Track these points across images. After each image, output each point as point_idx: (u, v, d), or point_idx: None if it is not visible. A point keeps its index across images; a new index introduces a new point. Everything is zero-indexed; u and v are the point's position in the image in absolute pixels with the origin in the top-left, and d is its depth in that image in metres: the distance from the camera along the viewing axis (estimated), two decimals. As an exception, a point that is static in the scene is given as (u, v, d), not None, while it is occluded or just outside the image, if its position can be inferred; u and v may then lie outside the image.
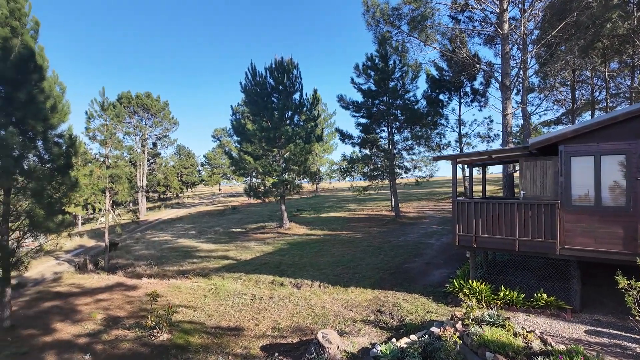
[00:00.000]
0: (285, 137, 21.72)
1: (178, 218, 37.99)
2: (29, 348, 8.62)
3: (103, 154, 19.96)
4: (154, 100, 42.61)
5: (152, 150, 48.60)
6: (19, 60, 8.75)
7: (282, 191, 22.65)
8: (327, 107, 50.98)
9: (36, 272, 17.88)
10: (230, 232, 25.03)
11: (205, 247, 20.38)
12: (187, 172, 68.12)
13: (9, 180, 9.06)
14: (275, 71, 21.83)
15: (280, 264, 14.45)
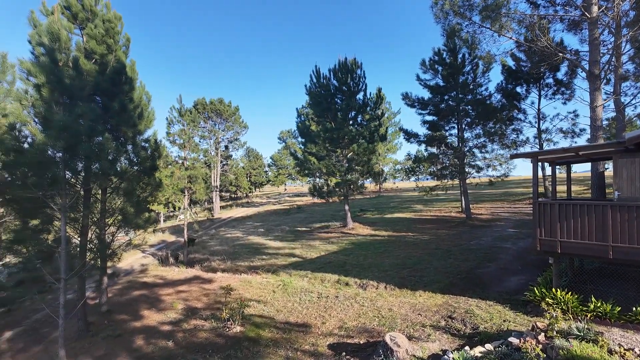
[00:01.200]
0: (348, 138, 21.72)
1: (248, 216, 39.91)
2: (122, 331, 9.63)
3: (182, 157, 21.65)
4: (225, 106, 45.27)
5: (225, 153, 51.70)
6: (113, 74, 9.84)
7: (346, 191, 22.68)
8: (391, 105, 50.03)
9: (126, 264, 19.95)
10: (295, 231, 25.66)
11: (273, 245, 21.13)
12: (256, 173, 71.31)
13: (105, 181, 10.21)
14: (339, 72, 21.92)
15: (344, 263, 14.47)
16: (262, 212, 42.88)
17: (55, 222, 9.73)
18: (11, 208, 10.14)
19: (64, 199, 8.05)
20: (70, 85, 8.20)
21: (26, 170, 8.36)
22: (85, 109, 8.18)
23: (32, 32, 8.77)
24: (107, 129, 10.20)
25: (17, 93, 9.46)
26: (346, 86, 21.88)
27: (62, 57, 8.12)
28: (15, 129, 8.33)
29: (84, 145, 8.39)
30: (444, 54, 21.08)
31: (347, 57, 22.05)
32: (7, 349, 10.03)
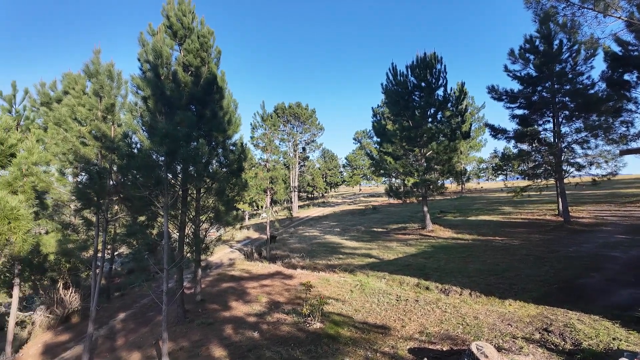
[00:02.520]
0: (427, 136, 20.90)
1: (324, 216, 40.67)
2: (213, 320, 10.46)
3: (264, 159, 22.86)
4: (303, 109, 46.76)
5: (302, 154, 53.42)
6: (206, 84, 10.75)
7: (424, 192, 21.85)
8: (474, 100, 46.98)
9: (216, 258, 21.66)
10: (371, 231, 25.46)
11: (349, 245, 21.23)
12: (331, 174, 72.41)
13: (200, 181, 11.20)
14: (417, 68, 21.21)
15: (424, 267, 13.96)
16: (338, 212, 43.35)
17: (159, 218, 10.94)
18: (124, 206, 11.66)
19: (166, 198, 9.00)
20: (170, 96, 9.15)
21: (135, 172, 9.53)
22: (183, 117, 9.05)
23: (140, 51, 10.00)
24: (201, 135, 11.17)
25: (129, 105, 10.86)
26: (425, 82, 21.09)
27: (164, 72, 9.11)
28: (128, 136, 9.55)
29: (182, 149, 9.28)
30: (536, 42, 19.20)
31: (425, 52, 21.24)
32: (121, 328, 11.54)
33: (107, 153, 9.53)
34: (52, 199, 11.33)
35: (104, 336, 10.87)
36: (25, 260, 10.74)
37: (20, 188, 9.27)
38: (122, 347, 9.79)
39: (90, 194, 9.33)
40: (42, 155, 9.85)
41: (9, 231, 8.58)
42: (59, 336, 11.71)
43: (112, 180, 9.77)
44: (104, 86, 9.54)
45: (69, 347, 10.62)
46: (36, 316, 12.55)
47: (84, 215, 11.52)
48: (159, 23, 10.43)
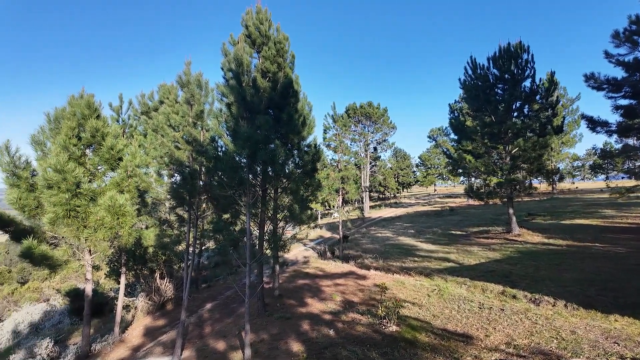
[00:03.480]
0: (512, 132, 19.34)
1: (396, 217, 39.82)
2: (291, 315, 10.85)
3: (336, 159, 23.12)
4: (374, 109, 46.31)
5: (373, 154, 52.93)
6: (282, 88, 11.20)
7: (509, 192, 20.23)
8: (566, 91, 42.33)
9: (291, 255, 22.43)
10: (449, 234, 24.30)
11: (425, 247, 20.50)
12: (403, 173, 70.59)
13: (278, 182, 11.72)
14: (500, 59, 19.74)
15: (510, 273, 12.95)
16: (411, 212, 42.13)
17: (241, 216, 11.66)
18: (211, 204, 12.65)
19: (248, 197, 9.56)
20: (250, 102, 9.70)
21: (221, 173, 10.28)
22: (262, 121, 9.54)
23: (223, 60, 10.77)
24: (278, 137, 11.68)
25: (214, 111, 11.77)
26: (509, 74, 19.55)
27: (245, 79, 9.69)
28: (215, 140, 10.36)
29: (261, 152, 9.78)
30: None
31: (510, 42, 19.68)
32: (208, 317, 12.51)
33: (197, 156, 10.41)
34: (151, 198, 12.72)
35: (194, 323, 11.89)
36: (130, 252, 12.20)
37: (126, 188, 10.56)
38: (209, 335, 10.62)
39: (183, 193, 10.28)
40: (143, 158, 11.11)
41: (117, 225, 9.82)
42: (156, 321, 13.09)
43: (201, 180, 10.65)
44: (194, 94, 10.45)
45: (164, 331, 11.82)
46: (138, 302, 14.19)
47: (177, 213, 12.75)
48: (238, 33, 11.16)
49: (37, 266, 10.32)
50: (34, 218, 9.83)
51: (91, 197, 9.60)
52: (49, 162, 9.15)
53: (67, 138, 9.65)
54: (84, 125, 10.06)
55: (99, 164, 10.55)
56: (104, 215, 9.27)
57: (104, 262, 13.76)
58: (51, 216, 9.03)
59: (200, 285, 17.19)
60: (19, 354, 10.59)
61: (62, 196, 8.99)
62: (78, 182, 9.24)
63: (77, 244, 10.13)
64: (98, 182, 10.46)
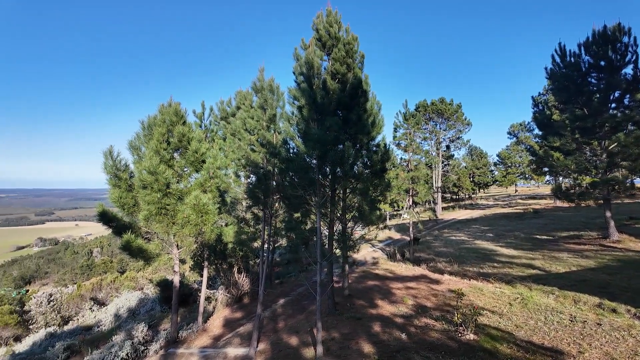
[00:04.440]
0: (609, 125, 17.14)
1: (472, 219, 37.59)
2: (361, 316, 10.83)
3: (406, 159, 22.54)
4: (447, 105, 44.25)
5: (446, 153, 50.58)
6: (351, 89, 11.24)
7: (606, 193, 17.96)
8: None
9: (360, 256, 22.37)
10: (533, 239, 22.29)
11: (505, 252, 19.07)
12: (479, 173, 66.37)
13: (346, 182, 11.79)
14: (594, 45, 17.62)
15: (607, 284, 11.51)
16: (489, 215, 39.48)
17: (312, 215, 11.95)
18: (283, 204, 13.16)
19: (318, 197, 9.77)
20: (321, 104, 9.88)
21: (292, 174, 10.64)
22: (332, 122, 9.69)
23: (295, 65, 11.13)
24: (346, 138, 11.74)
25: (286, 114, 12.21)
26: (605, 60, 17.36)
27: (315, 81, 9.91)
28: (287, 142, 10.75)
29: (330, 152, 9.93)
30: None
31: (606, 25, 17.47)
32: (281, 312, 13.01)
33: (270, 158, 10.90)
34: (230, 197, 13.62)
35: (268, 318, 12.46)
36: (211, 247, 13.17)
37: (209, 188, 11.44)
38: (282, 330, 11.05)
39: (258, 193, 10.83)
40: (223, 161, 11.95)
41: (201, 222, 10.67)
42: (234, 313, 13.96)
43: (274, 181, 11.12)
44: (267, 99, 10.96)
45: (242, 323, 12.55)
46: (218, 294, 15.26)
47: (253, 211, 13.48)
48: (309, 37, 11.45)
49: (134, 258, 11.64)
50: (132, 215, 11.11)
51: (179, 196, 10.57)
52: (144, 164, 10.27)
53: (158, 143, 10.73)
54: (172, 131, 11.11)
55: (185, 166, 11.56)
56: (189, 213, 10.14)
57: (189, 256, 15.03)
58: (145, 213, 10.13)
59: (274, 281, 17.93)
60: (120, 335, 12.02)
61: (155, 195, 10.03)
62: (168, 182, 10.23)
63: (167, 239, 11.24)
64: (184, 183, 11.48)
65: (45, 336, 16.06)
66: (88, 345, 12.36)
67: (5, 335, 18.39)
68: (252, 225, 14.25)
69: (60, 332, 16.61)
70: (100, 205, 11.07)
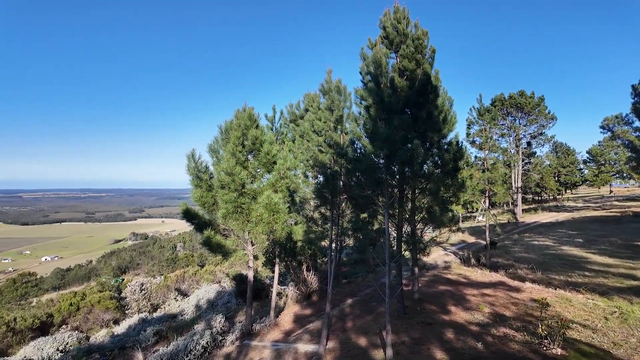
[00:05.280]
0: None
1: (558, 222, 34.15)
2: (432, 321, 10.46)
3: (481, 157, 21.22)
4: (527, 98, 40.74)
5: (527, 150, 46.58)
6: (421, 86, 10.90)
7: None
8: None
9: (430, 259, 21.55)
10: (633, 246, 19.61)
11: (599, 260, 17.03)
12: (566, 172, 60.11)
13: (415, 182, 11.47)
14: None
15: None
16: (578, 218, 35.57)
17: (379, 216, 11.82)
18: (350, 204, 13.20)
19: (386, 197, 9.63)
20: (388, 102, 9.73)
21: (359, 174, 10.62)
22: (400, 121, 9.50)
23: (362, 65, 11.11)
24: (415, 136, 11.41)
25: (353, 115, 12.24)
26: None
27: (382, 80, 9.78)
28: (354, 143, 10.78)
29: (399, 152, 9.73)
30: None
31: None
32: (349, 312, 13.05)
33: (337, 158, 11.00)
34: (299, 197, 14.02)
35: (336, 317, 12.58)
36: (282, 245, 13.67)
37: (279, 188, 11.91)
38: (350, 330, 11.08)
39: (325, 193, 10.99)
40: (292, 162, 12.36)
41: (273, 221, 11.15)
42: (303, 310, 14.33)
43: (341, 181, 11.21)
44: (334, 101, 11.08)
45: (311, 320, 12.84)
46: (288, 290, 15.79)
47: (320, 211, 13.73)
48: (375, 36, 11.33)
49: (213, 253, 12.54)
50: (211, 213, 11.98)
51: (253, 195, 11.17)
52: (222, 166, 11.03)
53: (234, 146, 11.44)
54: (246, 134, 11.76)
55: (258, 167, 12.17)
56: (262, 211, 10.65)
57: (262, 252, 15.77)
58: (223, 211, 10.86)
59: (341, 280, 18.06)
60: (201, 325, 13.02)
61: (232, 195, 10.72)
62: (243, 183, 10.86)
63: (242, 235, 11.92)
64: (257, 183, 12.08)
65: (138, 321, 17.97)
66: (173, 331, 13.58)
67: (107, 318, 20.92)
68: (319, 225, 14.52)
69: (150, 318, 18.47)
70: (184, 204, 12.12)
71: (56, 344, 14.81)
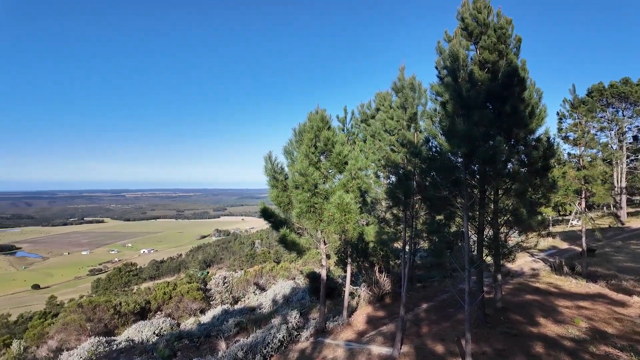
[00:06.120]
0: None
1: (676, 229, 29.19)
2: (517, 332, 9.63)
3: (576, 155, 19.01)
4: (632, 86, 35.46)
5: (632, 146, 40.58)
6: (504, 78, 10.09)
7: None
8: None
9: (515, 265, 19.83)
10: None
11: None
12: (687, 169, 51.02)
13: (498, 182, 10.66)
14: None
15: None
16: None
17: (456, 218, 11.21)
18: (424, 205, 12.71)
19: (465, 199, 9.08)
20: (466, 97, 9.16)
21: (435, 174, 10.18)
22: (480, 116, 8.89)
23: (437, 59, 10.66)
24: (498, 132, 10.60)
25: (428, 112, 11.79)
26: None
27: (460, 74, 9.24)
28: (428, 141, 10.37)
29: (479, 150, 9.12)
30: None
31: None
32: (424, 317, 12.58)
33: (411, 157, 10.67)
34: (370, 197, 13.88)
35: (411, 321, 12.20)
36: (354, 245, 13.66)
37: (351, 188, 11.91)
38: (426, 335, 10.67)
39: (398, 193, 10.73)
40: (363, 162, 12.27)
41: (344, 221, 11.18)
42: (376, 311, 14.15)
43: (415, 181, 10.85)
44: (407, 98, 10.77)
45: (384, 322, 12.62)
46: (361, 291, 15.72)
47: (393, 212, 13.45)
48: (452, 29, 10.76)
49: (288, 250, 12.99)
50: (286, 212, 12.42)
51: (325, 196, 11.33)
52: (296, 167, 11.37)
53: (308, 147, 11.72)
54: (318, 136, 11.97)
55: (330, 168, 12.32)
56: (334, 211, 10.75)
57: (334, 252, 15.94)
58: (298, 211, 11.19)
59: (415, 284, 17.48)
60: (277, 319, 13.54)
61: (305, 195, 11.00)
62: (316, 183, 11.08)
63: (315, 234, 12.17)
64: (329, 183, 12.23)
65: (221, 312, 19.30)
66: (252, 324, 14.33)
67: (194, 307, 22.82)
68: (392, 226, 14.22)
69: (232, 310, 19.72)
70: (262, 203, 12.75)
71: (153, 328, 16.57)
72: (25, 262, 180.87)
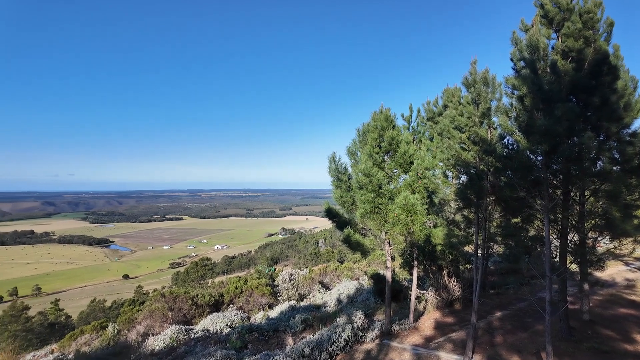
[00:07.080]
0: None
1: None
2: (609, 349, 8.63)
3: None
4: None
5: None
6: (592, 67, 9.10)
7: None
8: None
9: (606, 275, 17.76)
10: None
11: None
12: None
13: (585, 182, 9.64)
14: None
15: None
16: None
17: (535, 221, 10.36)
18: (499, 206, 11.92)
19: (545, 200, 8.36)
20: (548, 90, 8.42)
21: (511, 173, 9.50)
22: (563, 110, 8.11)
23: (513, 50, 9.92)
24: (585, 127, 9.59)
25: (502, 107, 11.03)
26: None
27: (540, 65, 8.53)
28: (504, 138, 9.73)
29: (562, 147, 8.35)
30: None
31: None
32: (499, 326, 11.81)
33: (484, 156, 10.09)
34: (438, 198, 13.37)
35: (483, 329, 11.53)
36: (420, 248, 13.27)
37: (417, 188, 11.58)
38: (500, 345, 10.01)
39: (470, 194, 10.20)
40: (430, 161, 11.85)
41: (410, 222, 10.91)
42: (445, 317, 13.59)
43: (488, 181, 10.22)
44: (480, 93, 10.19)
45: (454, 329, 12.08)
46: (428, 295, 15.20)
47: (463, 214, 12.79)
48: (530, 17, 9.95)
49: (352, 250, 13.02)
50: (350, 212, 12.47)
51: (389, 196, 11.17)
52: (359, 167, 11.36)
53: (371, 147, 11.65)
54: (383, 135, 11.84)
55: (394, 168, 12.11)
56: (399, 212, 10.56)
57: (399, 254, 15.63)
58: (361, 211, 11.17)
59: (488, 290, 16.46)
60: (342, 318, 13.64)
61: (369, 195, 10.94)
62: (380, 183, 10.96)
63: (379, 235, 12.05)
64: (394, 184, 12.03)
65: (288, 308, 19.93)
66: (318, 321, 14.59)
67: (263, 302, 23.84)
68: (462, 229, 13.51)
69: (298, 307, 20.27)
70: (326, 203, 12.95)
71: (226, 319, 17.64)
72: (117, 254, 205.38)
